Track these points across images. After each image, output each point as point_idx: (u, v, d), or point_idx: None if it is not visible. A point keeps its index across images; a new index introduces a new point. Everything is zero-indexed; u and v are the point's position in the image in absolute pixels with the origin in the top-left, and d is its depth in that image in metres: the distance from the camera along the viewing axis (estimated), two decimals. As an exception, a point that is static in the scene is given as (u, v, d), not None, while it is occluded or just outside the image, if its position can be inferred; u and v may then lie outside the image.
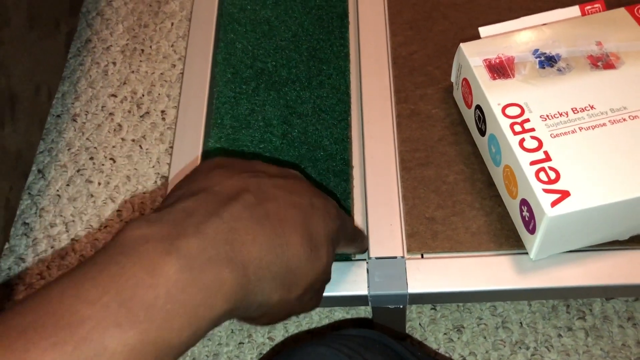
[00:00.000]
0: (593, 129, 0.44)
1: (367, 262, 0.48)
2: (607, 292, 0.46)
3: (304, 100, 0.57)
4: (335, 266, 0.48)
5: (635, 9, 0.52)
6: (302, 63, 0.59)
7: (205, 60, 0.60)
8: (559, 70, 0.48)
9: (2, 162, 0.54)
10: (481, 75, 0.49)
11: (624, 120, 0.45)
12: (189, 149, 0.55)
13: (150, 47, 0.79)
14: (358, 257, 0.49)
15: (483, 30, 0.54)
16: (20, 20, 0.57)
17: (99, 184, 0.69)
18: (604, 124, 0.44)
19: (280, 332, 0.58)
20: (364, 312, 0.59)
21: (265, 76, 0.58)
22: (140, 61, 0.78)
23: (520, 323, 0.56)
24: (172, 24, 0.81)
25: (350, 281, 0.47)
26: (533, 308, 0.57)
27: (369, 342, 0.37)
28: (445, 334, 0.56)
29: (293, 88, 0.57)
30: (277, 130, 0.55)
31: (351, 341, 0.36)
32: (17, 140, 0.57)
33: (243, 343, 0.58)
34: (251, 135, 0.54)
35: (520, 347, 0.55)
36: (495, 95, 0.47)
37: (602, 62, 0.48)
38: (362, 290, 0.47)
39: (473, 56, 0.50)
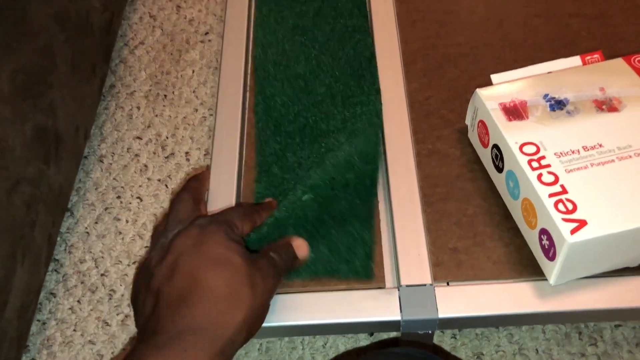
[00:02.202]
0: (603, 164, 0.49)
1: (398, 290, 0.51)
2: (621, 315, 0.50)
3: (341, 144, 0.60)
4: (367, 294, 0.51)
5: (632, 59, 0.58)
6: (339, 114, 0.63)
7: (236, 109, 0.64)
8: (568, 112, 0.53)
9: (47, 198, 0.57)
10: (498, 117, 0.54)
11: (630, 157, 0.50)
12: (224, 193, 0.58)
13: (173, 92, 0.83)
14: (389, 284, 0.52)
15: (495, 78, 0.60)
16: (65, 66, 0.61)
17: (127, 221, 0.72)
18: (613, 160, 0.49)
19: (309, 361, 0.61)
20: (387, 337, 0.62)
21: (307, 130, 0.62)
22: (164, 106, 0.82)
23: (536, 350, 0.59)
24: (193, 71, 0.86)
25: (382, 307, 0.50)
26: (547, 335, 0.60)
27: (414, 359, 0.40)
28: (466, 361, 0.59)
29: (334, 137, 0.61)
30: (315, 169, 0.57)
31: (397, 358, 0.40)
32: (59, 178, 0.60)
33: (271, 373, 0.60)
34: (295, 179, 0.58)
35: (537, 373, 0.58)
36: (512, 135, 0.52)
37: (607, 105, 0.54)
38: (394, 315, 0.50)
39: (489, 100, 0.55)
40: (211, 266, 0.42)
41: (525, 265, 0.52)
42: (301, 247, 0.50)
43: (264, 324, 0.50)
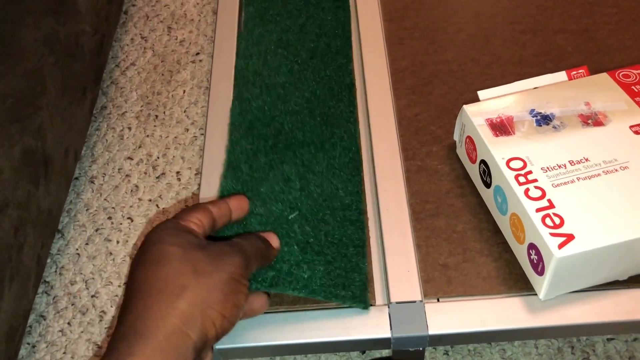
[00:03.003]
0: (590, 178, 0.49)
1: (388, 307, 0.51)
2: (612, 329, 0.50)
3: (319, 160, 0.61)
4: (357, 311, 0.51)
5: (616, 74, 0.58)
6: (316, 127, 0.64)
7: (226, 129, 0.65)
8: (554, 127, 0.54)
9: (36, 221, 0.57)
10: (485, 133, 0.54)
11: (616, 170, 0.50)
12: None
13: (164, 112, 0.84)
14: (379, 302, 0.52)
15: (482, 94, 0.60)
16: (55, 88, 0.61)
17: (118, 242, 0.72)
18: (599, 174, 0.50)
19: (301, 380, 0.60)
20: (378, 354, 0.61)
21: (282, 136, 0.63)
22: (155, 126, 0.82)
23: (529, 365, 0.59)
24: (184, 91, 0.86)
25: (372, 325, 0.50)
26: (540, 350, 0.60)
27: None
28: (459, 377, 0.59)
29: (308, 150, 0.62)
30: (294, 184, 0.59)
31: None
32: (49, 200, 0.60)
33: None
34: (271, 185, 0.58)
35: (530, 389, 0.58)
36: (499, 151, 0.52)
37: (592, 120, 0.54)
38: (385, 333, 0.50)
39: (476, 116, 0.56)
40: (144, 266, 0.40)
41: (515, 281, 0.52)
42: (271, 237, 0.50)
43: (254, 344, 0.50)
